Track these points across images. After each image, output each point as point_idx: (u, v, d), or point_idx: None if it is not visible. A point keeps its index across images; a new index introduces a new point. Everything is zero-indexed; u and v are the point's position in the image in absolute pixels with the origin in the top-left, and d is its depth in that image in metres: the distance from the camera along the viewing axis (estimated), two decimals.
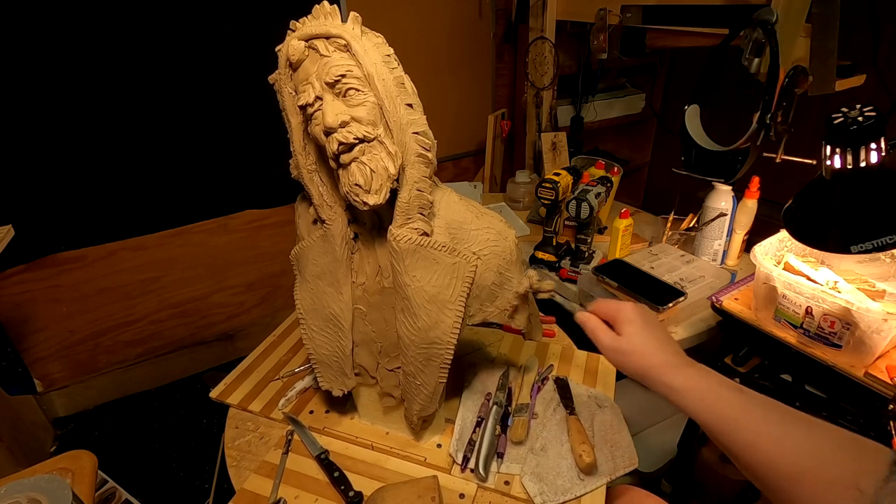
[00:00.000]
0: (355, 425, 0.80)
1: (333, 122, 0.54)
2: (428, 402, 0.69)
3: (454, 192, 0.69)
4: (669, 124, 1.19)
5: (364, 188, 0.57)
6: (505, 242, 0.68)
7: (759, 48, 0.95)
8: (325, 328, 0.70)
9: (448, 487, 0.70)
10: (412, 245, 0.61)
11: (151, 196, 1.58)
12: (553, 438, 0.74)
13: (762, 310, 0.95)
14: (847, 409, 0.89)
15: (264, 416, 0.83)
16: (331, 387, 0.74)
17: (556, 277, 0.74)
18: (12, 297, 1.50)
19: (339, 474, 0.71)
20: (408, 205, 0.61)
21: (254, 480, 0.72)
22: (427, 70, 1.92)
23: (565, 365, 0.91)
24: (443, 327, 0.63)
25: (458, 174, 2.21)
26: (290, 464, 0.74)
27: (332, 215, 0.65)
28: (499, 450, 0.73)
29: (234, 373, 0.91)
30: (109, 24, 1.35)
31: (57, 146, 1.40)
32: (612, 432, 0.75)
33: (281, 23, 0.57)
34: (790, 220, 0.76)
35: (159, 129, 1.51)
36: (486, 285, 0.67)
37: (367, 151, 0.57)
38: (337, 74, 0.54)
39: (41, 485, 0.63)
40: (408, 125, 0.58)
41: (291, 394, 0.85)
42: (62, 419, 1.69)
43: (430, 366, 0.66)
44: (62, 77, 1.34)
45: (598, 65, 1.77)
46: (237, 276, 1.85)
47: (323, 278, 0.69)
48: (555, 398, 0.82)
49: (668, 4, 1.22)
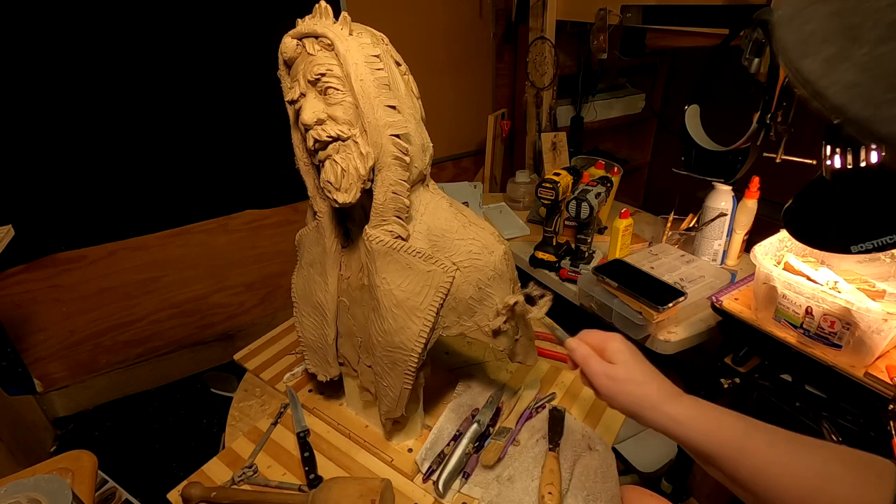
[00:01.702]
0: (342, 412, 0.82)
1: (309, 119, 0.56)
2: (393, 405, 0.69)
3: (446, 198, 0.67)
4: (669, 124, 1.19)
5: (335, 186, 0.58)
6: (490, 257, 0.65)
7: (759, 48, 0.95)
8: (313, 314, 0.73)
9: (405, 494, 0.69)
10: (384, 247, 0.61)
11: (151, 196, 1.58)
12: (524, 471, 0.69)
13: (762, 310, 0.95)
14: (847, 409, 0.89)
15: (271, 385, 0.89)
16: (316, 371, 0.77)
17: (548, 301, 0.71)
18: (12, 297, 1.50)
19: (308, 455, 0.74)
20: (383, 206, 0.60)
21: (241, 442, 0.78)
22: (427, 70, 1.91)
23: (570, 398, 0.86)
24: (408, 333, 0.63)
25: (458, 174, 2.21)
26: (274, 435, 0.79)
27: (324, 207, 0.67)
28: (466, 469, 0.70)
29: (259, 340, 0.99)
30: (110, 24, 1.34)
31: (57, 146, 1.40)
32: (593, 479, 0.68)
33: (281, 23, 0.58)
34: (790, 220, 0.76)
35: (159, 129, 1.51)
36: (464, 298, 0.65)
37: (341, 150, 0.57)
38: (317, 73, 0.55)
39: (41, 485, 0.63)
40: (385, 127, 0.57)
41: (298, 370, 0.90)
42: (62, 419, 1.69)
43: (395, 370, 0.66)
44: (62, 77, 1.34)
45: (598, 65, 1.77)
46: (237, 276, 1.85)
47: (314, 266, 0.71)
48: (543, 429, 0.77)
49: (668, 4, 1.22)
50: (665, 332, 1.08)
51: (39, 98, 1.33)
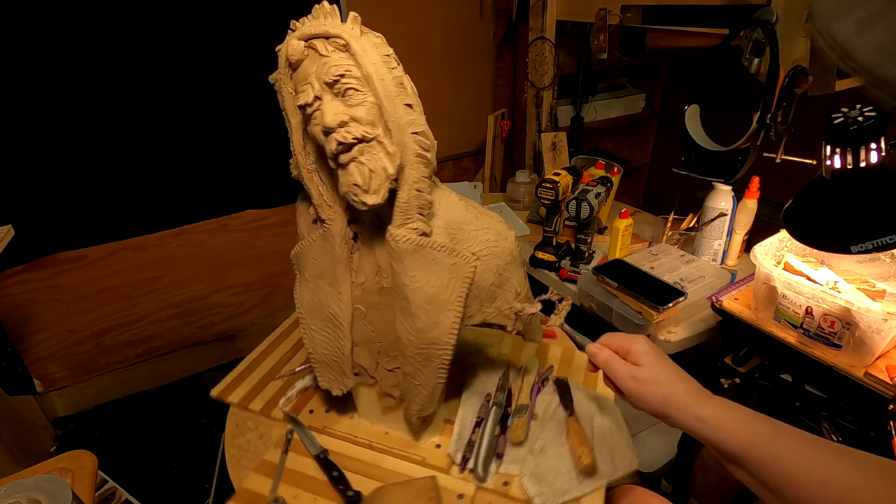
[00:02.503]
0: (355, 425, 0.80)
1: (332, 122, 0.54)
2: (427, 402, 0.69)
3: (454, 192, 0.69)
4: (669, 124, 1.19)
5: (363, 188, 0.57)
6: (504, 243, 0.68)
7: (759, 48, 0.95)
8: (325, 328, 0.70)
9: (447, 488, 0.69)
10: (411, 245, 0.61)
11: (151, 196, 1.58)
12: (552, 440, 0.74)
13: (762, 310, 0.95)
14: (847, 409, 0.89)
15: (264, 415, 0.83)
16: (330, 386, 0.74)
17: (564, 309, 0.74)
18: (12, 297, 1.50)
19: (337, 474, 0.71)
20: (407, 205, 0.61)
21: (253, 479, 0.72)
22: (427, 70, 1.91)
23: (566, 367, 0.91)
24: (442, 328, 0.63)
25: (458, 174, 2.21)
26: (289, 463, 0.74)
27: (332, 215, 0.65)
28: (498, 451, 0.73)
29: (234, 372, 0.91)
30: (110, 24, 1.34)
31: (57, 146, 1.40)
32: (611, 434, 0.74)
33: (281, 23, 0.57)
34: (790, 220, 0.76)
35: (159, 129, 1.51)
36: (486, 286, 0.67)
37: (366, 151, 0.57)
38: (336, 74, 0.54)
39: (41, 485, 0.63)
40: (407, 125, 0.57)
41: (292, 393, 0.84)
42: (62, 419, 1.69)
43: (429, 366, 0.66)
44: (62, 77, 1.34)
45: (598, 65, 1.77)
46: (237, 276, 1.85)
47: (323, 278, 0.68)
48: (554, 399, 0.82)
49: (668, 4, 1.22)
50: (665, 332, 1.08)
51: (39, 98, 1.33)
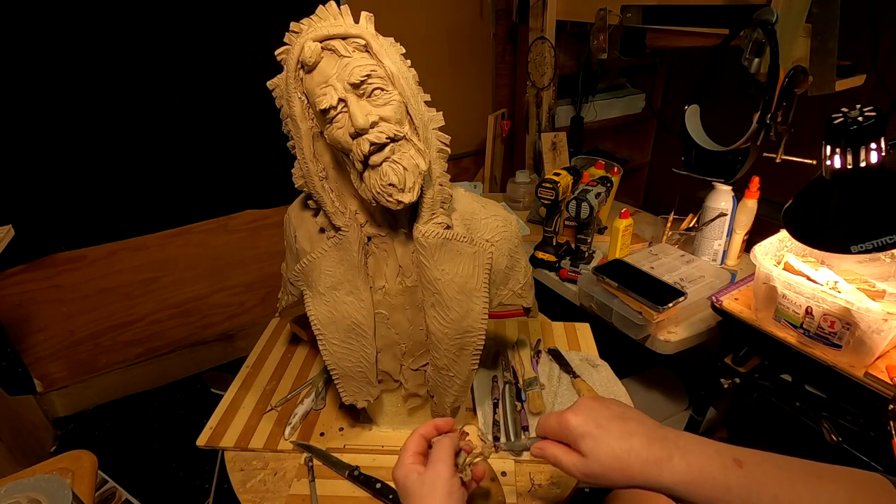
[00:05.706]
0: (376, 435, 0.78)
1: (364, 123, 0.53)
2: (461, 391, 0.71)
3: (457, 185, 0.72)
4: (669, 124, 1.19)
5: (398, 187, 0.56)
6: (511, 227, 0.72)
7: (759, 48, 0.95)
8: (347, 339, 0.68)
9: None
10: (439, 240, 0.63)
11: (151, 196, 1.58)
12: (569, 401, 0.79)
13: (762, 310, 0.95)
14: (847, 409, 0.89)
15: (269, 450, 0.77)
16: (355, 399, 0.71)
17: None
18: (12, 297, 1.50)
19: (381, 485, 0.68)
20: (433, 200, 0.63)
21: None
22: (427, 70, 1.89)
23: (548, 337, 0.97)
24: (474, 315, 0.66)
25: (458, 174, 2.21)
26: (321, 490, 0.70)
27: (347, 221, 0.64)
28: (523, 424, 0.76)
29: (215, 416, 0.84)
30: (110, 24, 1.34)
31: (57, 146, 1.40)
32: (611, 385, 0.84)
33: (281, 23, 0.57)
34: (790, 220, 0.76)
35: (159, 130, 1.51)
36: (501, 269, 0.70)
37: (397, 150, 0.57)
38: (362, 75, 0.53)
39: (41, 485, 0.63)
40: (429, 122, 0.60)
41: (294, 420, 0.80)
42: (62, 419, 1.69)
43: (462, 355, 0.68)
44: (62, 77, 1.34)
45: (598, 65, 1.77)
46: (237, 276, 1.85)
47: (340, 288, 0.66)
48: (554, 367, 0.88)
49: (668, 4, 1.22)
50: (665, 332, 1.08)
51: (39, 98, 1.33)
